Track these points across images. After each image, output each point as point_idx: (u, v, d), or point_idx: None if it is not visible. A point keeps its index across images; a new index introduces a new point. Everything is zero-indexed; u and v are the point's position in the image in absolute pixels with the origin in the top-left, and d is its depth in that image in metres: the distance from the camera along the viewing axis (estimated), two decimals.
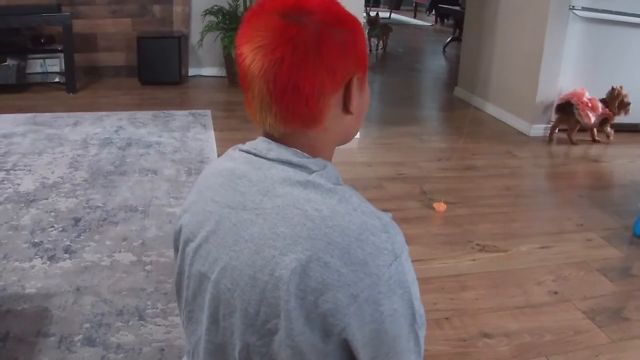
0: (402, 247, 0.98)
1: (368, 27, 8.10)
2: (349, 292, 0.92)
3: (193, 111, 4.62)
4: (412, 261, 0.87)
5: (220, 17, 5.40)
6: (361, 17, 4.36)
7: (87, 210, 2.80)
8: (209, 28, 5.38)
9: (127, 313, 2.03)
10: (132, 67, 5.58)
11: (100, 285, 2.18)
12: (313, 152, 1.04)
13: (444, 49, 8.76)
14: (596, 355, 2.01)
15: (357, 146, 4.14)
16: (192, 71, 5.88)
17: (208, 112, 4.61)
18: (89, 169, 3.30)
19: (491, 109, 5.15)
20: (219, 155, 3.39)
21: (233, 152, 1.11)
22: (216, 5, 5.45)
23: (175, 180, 3.22)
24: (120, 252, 2.43)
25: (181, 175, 3.28)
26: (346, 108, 1.05)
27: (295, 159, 1.02)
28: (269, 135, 1.05)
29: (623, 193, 3.55)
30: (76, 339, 1.89)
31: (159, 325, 1.98)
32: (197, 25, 5.63)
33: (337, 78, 1.00)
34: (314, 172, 1.00)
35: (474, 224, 2.95)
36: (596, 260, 2.67)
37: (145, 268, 2.31)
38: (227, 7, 5.45)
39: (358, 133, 4.29)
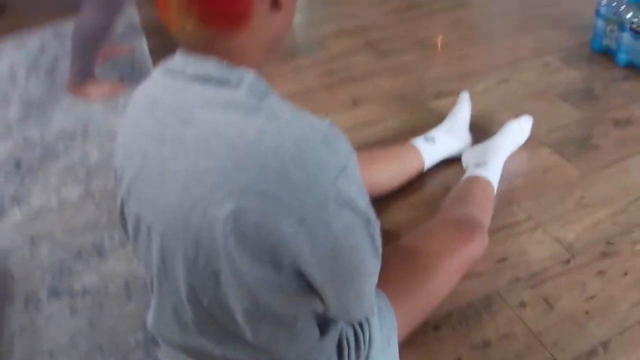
0: (347, 155, 0.88)
1: None
2: (293, 219, 0.83)
3: None
4: (367, 123, 0.75)
5: None
6: None
7: (26, 149, 2.62)
8: None
9: (85, 253, 1.94)
10: None
11: (53, 229, 2.08)
12: (239, 59, 0.92)
13: None
14: (569, 194, 1.91)
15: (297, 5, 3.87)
16: None
17: None
18: (20, 101, 3.05)
19: None
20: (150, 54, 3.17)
21: (155, 72, 0.99)
22: None
23: None
24: (66, 187, 2.30)
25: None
26: (275, 2, 0.91)
27: (215, 72, 0.89)
28: (190, 46, 0.92)
29: (579, 6, 3.37)
30: (41, 295, 1.81)
31: (119, 258, 1.91)
32: None
33: None
34: (235, 87, 0.88)
35: (426, 69, 2.82)
36: (556, 85, 2.55)
37: (95, 198, 2.21)
38: None
39: None
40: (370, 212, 0.96)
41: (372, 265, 1.02)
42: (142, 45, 3.29)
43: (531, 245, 1.74)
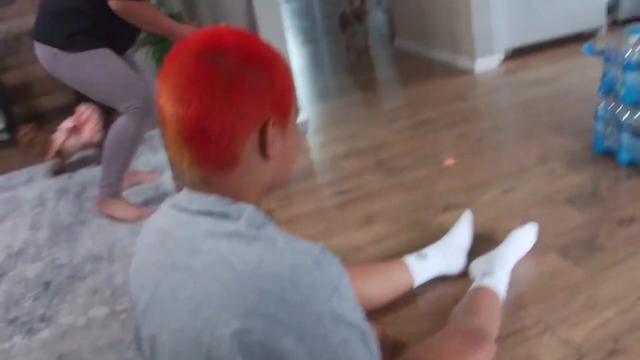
0: (339, 277, 0.97)
1: (351, 20, 6.13)
2: (293, 336, 0.92)
3: None
4: (379, 239, 0.81)
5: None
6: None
7: (55, 270, 2.75)
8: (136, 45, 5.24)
9: None
10: (72, 104, 5.41)
11: (80, 348, 2.16)
12: (237, 197, 1.03)
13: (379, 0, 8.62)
14: (577, 295, 1.95)
15: (309, 127, 4.05)
16: None
17: (155, 132, 4.53)
18: (50, 226, 3.23)
19: (434, 53, 5.08)
20: (174, 180, 3.32)
21: (163, 207, 1.11)
22: None
23: None
24: (93, 307, 2.40)
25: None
26: (263, 153, 1.03)
27: (216, 208, 1.01)
28: (193, 182, 1.05)
29: (579, 111, 3.49)
30: None
31: None
32: None
33: (249, 121, 0.99)
34: (235, 220, 0.99)
35: (433, 183, 2.91)
36: (562, 191, 2.62)
37: (120, 318, 2.29)
38: None
39: (305, 116, 4.20)
40: (365, 326, 1.04)
41: None
42: (168, 176, 3.46)
43: (540, 349, 1.77)
